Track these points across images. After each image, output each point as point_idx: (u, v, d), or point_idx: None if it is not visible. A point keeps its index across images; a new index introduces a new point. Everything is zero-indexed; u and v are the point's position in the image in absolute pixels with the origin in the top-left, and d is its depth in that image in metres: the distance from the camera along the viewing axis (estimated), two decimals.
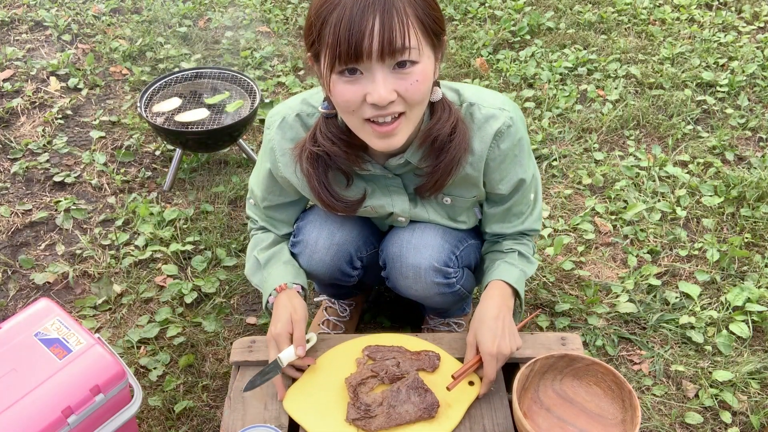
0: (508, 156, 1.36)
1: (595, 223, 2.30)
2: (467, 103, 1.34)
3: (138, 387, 1.46)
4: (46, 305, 1.46)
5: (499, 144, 1.34)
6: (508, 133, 1.33)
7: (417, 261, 1.47)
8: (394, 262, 1.51)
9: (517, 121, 1.35)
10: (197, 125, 2.35)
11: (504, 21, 3.38)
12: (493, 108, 1.33)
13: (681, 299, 2.03)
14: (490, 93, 1.37)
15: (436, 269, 1.47)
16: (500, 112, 1.33)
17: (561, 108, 2.81)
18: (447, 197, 1.45)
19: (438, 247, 1.47)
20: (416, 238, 1.48)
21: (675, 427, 1.72)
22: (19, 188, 2.47)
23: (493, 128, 1.33)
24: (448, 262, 1.49)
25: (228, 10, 3.55)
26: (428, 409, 1.35)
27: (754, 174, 2.46)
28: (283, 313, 1.43)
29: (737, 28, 3.37)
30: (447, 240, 1.49)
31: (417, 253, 1.47)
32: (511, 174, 1.40)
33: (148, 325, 1.98)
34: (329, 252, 1.52)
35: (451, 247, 1.50)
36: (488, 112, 1.33)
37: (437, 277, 1.48)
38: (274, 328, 1.42)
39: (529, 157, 1.42)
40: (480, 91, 1.37)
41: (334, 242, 1.52)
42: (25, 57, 3.14)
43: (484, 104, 1.34)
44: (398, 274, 1.52)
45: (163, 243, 2.24)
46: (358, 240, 1.56)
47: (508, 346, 1.39)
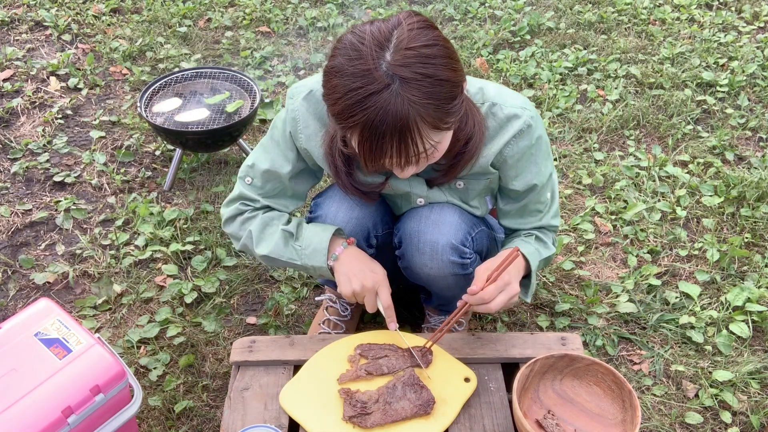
0: (525, 154, 1.40)
1: (595, 223, 2.30)
2: (490, 102, 1.37)
3: (138, 387, 1.46)
4: (46, 305, 1.46)
5: (518, 142, 1.37)
6: (528, 132, 1.37)
7: (435, 237, 1.48)
8: (411, 238, 1.52)
9: (537, 121, 1.39)
10: (197, 125, 2.35)
11: (504, 21, 3.38)
12: (515, 107, 1.37)
13: (681, 299, 2.03)
14: (511, 92, 1.40)
15: (453, 247, 1.48)
16: (522, 111, 1.37)
17: (561, 108, 2.81)
18: (459, 181, 1.47)
19: (456, 225, 1.48)
20: (435, 214, 1.49)
21: (675, 427, 1.71)
22: (19, 188, 2.47)
23: (514, 127, 1.36)
24: (464, 242, 1.50)
25: (228, 10, 3.55)
26: (424, 405, 1.35)
27: (754, 174, 2.46)
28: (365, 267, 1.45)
29: (737, 28, 3.37)
30: (464, 221, 1.51)
31: (436, 229, 1.48)
32: (527, 172, 1.42)
33: (148, 325, 1.97)
34: (348, 226, 1.54)
35: (468, 228, 1.51)
36: (510, 112, 1.36)
37: (453, 256, 1.49)
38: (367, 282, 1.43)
39: (546, 156, 1.44)
40: (502, 91, 1.39)
41: (353, 216, 1.53)
42: (25, 57, 3.14)
43: (506, 104, 1.37)
44: (415, 249, 1.52)
45: (163, 243, 2.24)
46: (375, 216, 1.57)
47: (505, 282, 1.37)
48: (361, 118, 1.10)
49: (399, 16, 1.15)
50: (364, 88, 1.09)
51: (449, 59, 1.14)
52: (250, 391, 1.48)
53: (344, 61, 1.12)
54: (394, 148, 1.13)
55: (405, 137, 1.12)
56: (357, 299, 1.47)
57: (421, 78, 1.09)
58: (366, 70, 1.09)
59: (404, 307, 2.00)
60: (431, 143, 1.17)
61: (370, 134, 1.11)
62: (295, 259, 1.49)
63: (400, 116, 1.09)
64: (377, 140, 1.12)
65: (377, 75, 1.09)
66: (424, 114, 1.11)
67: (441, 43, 1.14)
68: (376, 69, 1.09)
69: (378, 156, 1.15)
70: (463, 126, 1.31)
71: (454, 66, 1.15)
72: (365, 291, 1.44)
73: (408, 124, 1.10)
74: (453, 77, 1.14)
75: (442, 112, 1.14)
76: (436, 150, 1.21)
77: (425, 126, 1.12)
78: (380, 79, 1.08)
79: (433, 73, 1.10)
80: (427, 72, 1.10)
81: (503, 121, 1.36)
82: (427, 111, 1.11)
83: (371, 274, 1.45)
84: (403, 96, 1.09)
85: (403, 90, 1.09)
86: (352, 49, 1.12)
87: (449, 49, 1.15)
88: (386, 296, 1.47)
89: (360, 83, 1.09)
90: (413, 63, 1.09)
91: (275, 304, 2.01)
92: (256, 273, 2.13)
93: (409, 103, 1.09)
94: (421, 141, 1.14)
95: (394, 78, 1.09)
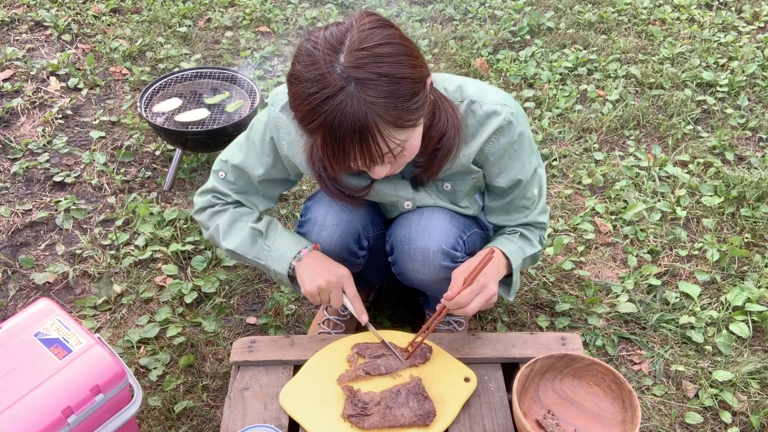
0: (507, 151, 1.39)
1: (595, 223, 2.30)
2: (469, 100, 1.36)
3: (138, 387, 1.46)
4: (46, 305, 1.46)
5: (499, 138, 1.37)
6: (508, 128, 1.36)
7: (426, 243, 1.48)
8: (402, 245, 1.52)
9: (519, 117, 1.38)
10: (197, 125, 2.35)
11: (504, 21, 3.38)
12: (494, 104, 1.36)
13: (681, 299, 2.03)
14: (492, 89, 1.39)
15: (444, 252, 1.48)
16: (501, 107, 1.36)
17: (561, 108, 2.81)
18: (447, 183, 1.46)
19: (446, 230, 1.48)
20: (425, 220, 1.49)
21: (675, 427, 1.71)
22: (19, 188, 2.47)
23: (494, 124, 1.35)
24: (456, 246, 1.50)
25: (228, 10, 3.55)
26: (424, 416, 1.35)
27: (754, 174, 2.46)
28: (329, 265, 1.47)
29: (737, 28, 3.37)
30: (455, 224, 1.50)
31: (426, 236, 1.48)
32: (510, 168, 1.42)
33: (148, 325, 1.97)
34: (338, 228, 1.53)
35: (459, 231, 1.51)
36: (489, 109, 1.36)
37: (445, 261, 1.49)
38: (332, 277, 1.45)
39: (530, 152, 1.44)
40: (482, 88, 1.38)
41: (342, 219, 1.53)
42: (25, 57, 3.14)
43: (485, 101, 1.36)
44: (406, 257, 1.52)
45: (163, 243, 2.24)
46: (365, 218, 1.57)
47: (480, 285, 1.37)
48: (321, 123, 1.11)
49: (352, 18, 1.16)
50: (320, 92, 1.09)
51: (406, 56, 1.13)
52: (250, 391, 1.48)
53: (301, 67, 1.13)
54: (357, 150, 1.13)
55: (365, 138, 1.12)
56: (321, 297, 1.47)
57: (375, 77, 1.09)
58: (320, 75, 1.09)
59: (404, 308, 2.00)
60: (395, 142, 1.16)
61: (331, 137, 1.12)
62: (260, 258, 1.50)
63: (357, 117, 1.09)
64: (338, 143, 1.12)
65: (331, 78, 1.09)
66: (383, 113, 1.10)
67: (396, 41, 1.13)
68: (330, 73, 1.09)
69: (341, 158, 1.15)
70: (435, 122, 1.30)
71: (411, 63, 1.14)
72: (330, 286, 1.45)
73: (367, 124, 1.10)
74: (411, 74, 1.13)
75: (402, 110, 1.13)
76: (405, 149, 1.20)
77: (385, 125, 1.12)
78: (335, 82, 1.09)
79: (387, 72, 1.10)
80: (381, 71, 1.10)
81: (483, 119, 1.36)
82: (385, 110, 1.10)
83: (335, 269, 1.47)
84: (359, 97, 1.08)
85: (359, 91, 1.08)
86: (307, 55, 1.12)
87: (406, 47, 1.14)
88: (352, 289, 1.48)
89: (316, 88, 1.10)
90: (366, 63, 1.09)
91: (275, 304, 2.02)
92: (256, 273, 2.13)
93: (366, 103, 1.09)
94: (383, 140, 1.13)
95: (349, 80, 1.09)
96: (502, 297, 1.52)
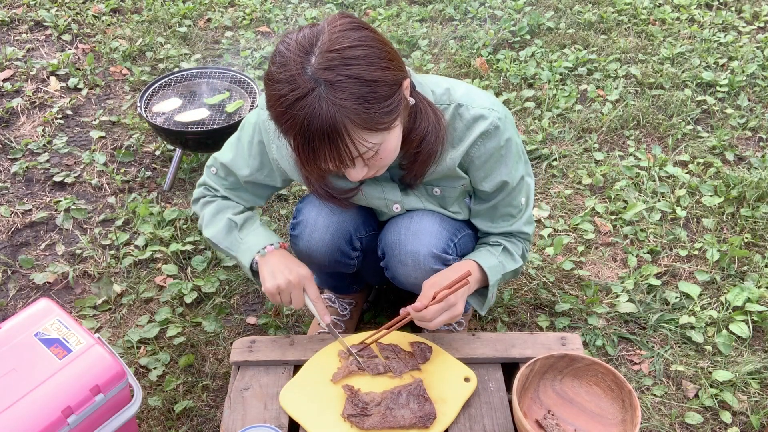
0: (493, 156, 1.38)
1: (595, 223, 2.30)
2: (456, 103, 1.35)
3: (138, 387, 1.46)
4: (46, 305, 1.46)
5: (485, 143, 1.36)
6: (495, 133, 1.35)
7: (416, 248, 1.47)
8: (392, 250, 1.52)
9: (506, 123, 1.37)
10: (197, 125, 2.35)
11: (504, 21, 3.38)
12: (482, 108, 1.35)
13: (681, 299, 2.03)
14: (480, 93, 1.38)
15: (435, 256, 1.47)
16: (489, 112, 1.35)
17: (561, 108, 2.81)
18: (436, 188, 1.46)
19: (436, 233, 1.48)
20: (415, 224, 1.48)
21: (675, 427, 1.72)
22: (19, 188, 2.47)
23: (480, 128, 1.35)
24: (446, 249, 1.49)
25: (228, 10, 3.55)
26: (424, 418, 1.35)
27: (754, 174, 2.46)
28: (291, 264, 1.45)
29: (737, 28, 3.37)
30: (445, 228, 1.49)
31: (416, 240, 1.47)
32: (495, 173, 1.41)
33: (148, 325, 1.98)
34: (329, 230, 1.54)
35: (449, 234, 1.50)
36: (477, 113, 1.35)
37: (436, 264, 1.48)
38: (292, 277, 1.43)
39: (517, 159, 1.42)
40: (470, 92, 1.37)
41: (333, 220, 1.54)
42: (25, 57, 3.14)
43: (473, 104, 1.35)
44: (397, 261, 1.52)
45: (163, 243, 2.24)
46: (357, 219, 1.57)
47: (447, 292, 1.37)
48: (291, 124, 1.11)
49: (326, 20, 1.15)
50: (290, 94, 1.09)
51: (378, 59, 1.12)
52: (250, 391, 1.48)
53: (273, 69, 1.13)
54: (327, 152, 1.13)
55: (335, 140, 1.11)
56: (282, 297, 1.46)
57: (345, 80, 1.08)
58: (291, 76, 1.09)
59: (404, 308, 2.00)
60: (366, 146, 1.15)
61: (302, 139, 1.12)
62: (231, 249, 1.53)
63: (326, 119, 1.08)
64: (308, 144, 1.12)
65: (301, 80, 1.08)
66: (352, 116, 1.09)
67: (368, 44, 1.12)
68: (300, 74, 1.09)
69: (312, 160, 1.15)
70: (416, 126, 1.29)
71: (383, 66, 1.13)
72: (290, 286, 1.44)
73: (336, 127, 1.09)
74: (382, 77, 1.12)
75: (374, 113, 1.12)
76: (380, 152, 1.19)
77: (355, 128, 1.11)
78: (305, 84, 1.08)
79: (358, 74, 1.09)
80: (351, 73, 1.09)
81: (470, 122, 1.35)
82: (355, 113, 1.09)
83: (296, 269, 1.46)
84: (328, 99, 1.08)
85: (328, 93, 1.08)
86: (280, 56, 1.12)
87: (380, 49, 1.13)
88: (313, 290, 1.48)
89: (287, 89, 1.10)
90: (336, 65, 1.09)
91: (275, 304, 2.02)
92: None
93: (335, 105, 1.08)
94: (353, 143, 1.13)
95: (319, 81, 1.08)
96: (475, 310, 1.51)
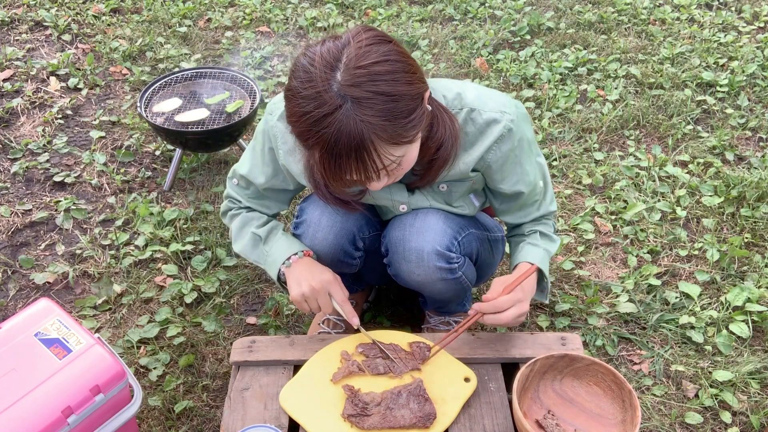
0: (509, 158, 1.39)
1: (595, 223, 2.30)
2: (468, 108, 1.35)
3: (138, 387, 1.46)
4: (46, 305, 1.46)
5: (500, 147, 1.37)
6: (509, 136, 1.36)
7: (420, 244, 1.48)
8: (396, 246, 1.52)
9: (518, 122, 1.37)
10: (197, 125, 2.35)
11: (504, 21, 3.38)
12: (494, 112, 1.35)
13: (681, 299, 2.03)
14: (492, 95, 1.38)
15: (439, 253, 1.48)
16: (501, 115, 1.35)
17: (561, 108, 2.81)
18: (443, 184, 1.46)
19: (440, 231, 1.48)
20: (419, 221, 1.49)
21: (675, 427, 1.72)
22: (19, 188, 2.47)
23: (494, 133, 1.35)
24: (450, 247, 1.49)
25: (228, 10, 3.55)
26: (424, 418, 1.36)
27: (754, 174, 2.46)
28: (315, 271, 1.47)
29: (737, 28, 3.37)
30: (449, 225, 1.50)
31: (420, 237, 1.48)
32: (512, 174, 1.42)
33: (148, 325, 1.98)
34: (332, 230, 1.54)
35: (453, 232, 1.51)
36: (489, 117, 1.35)
37: (440, 262, 1.49)
38: (315, 283, 1.45)
39: (529, 153, 1.44)
40: (482, 95, 1.37)
41: (337, 220, 1.54)
42: (25, 57, 3.14)
43: (485, 109, 1.35)
44: (401, 258, 1.52)
45: (163, 243, 2.24)
46: (360, 220, 1.57)
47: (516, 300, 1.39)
48: (317, 140, 1.10)
49: (349, 33, 1.15)
50: (316, 111, 1.09)
51: (403, 73, 1.12)
52: (250, 391, 1.48)
53: (297, 84, 1.12)
54: (353, 167, 1.13)
55: (362, 156, 1.11)
56: (309, 304, 1.48)
57: (372, 96, 1.08)
58: (317, 93, 1.09)
59: (404, 307, 2.00)
60: (391, 159, 1.15)
61: (327, 155, 1.11)
62: (260, 262, 1.56)
63: (354, 136, 1.08)
64: (335, 160, 1.12)
65: (328, 97, 1.08)
66: (380, 132, 1.10)
67: (393, 58, 1.12)
68: (326, 91, 1.08)
69: (338, 175, 1.15)
70: (433, 134, 1.29)
71: (408, 79, 1.13)
72: (314, 293, 1.46)
73: (363, 143, 1.09)
74: (407, 91, 1.12)
75: (399, 128, 1.12)
76: (402, 163, 1.20)
77: (382, 143, 1.11)
78: (331, 100, 1.08)
79: (384, 90, 1.09)
80: (378, 90, 1.09)
81: (483, 127, 1.35)
82: (382, 128, 1.10)
83: (319, 275, 1.47)
84: (355, 116, 1.08)
85: (355, 110, 1.08)
86: (304, 71, 1.12)
87: (404, 63, 1.13)
88: (339, 294, 1.48)
89: (312, 106, 1.09)
90: (363, 82, 1.08)
91: (275, 304, 2.02)
92: (256, 273, 2.13)
93: (362, 122, 1.08)
94: (379, 158, 1.13)
95: (346, 98, 1.08)
96: (539, 299, 1.55)
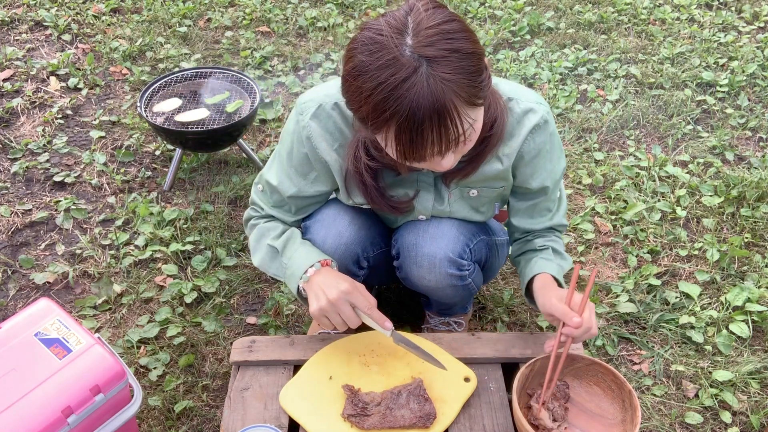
0: (542, 151, 1.38)
1: (595, 223, 2.30)
2: (506, 96, 1.34)
3: (138, 387, 1.46)
4: (46, 305, 1.46)
5: (534, 137, 1.36)
6: (544, 127, 1.36)
7: (433, 250, 1.47)
8: (408, 251, 1.51)
9: (551, 117, 1.38)
10: (197, 125, 2.35)
11: (504, 21, 3.38)
12: (531, 102, 1.35)
13: (681, 299, 2.03)
14: (525, 88, 1.39)
15: (451, 260, 1.47)
16: (538, 106, 1.35)
17: (561, 108, 2.81)
18: (474, 190, 1.44)
19: (454, 238, 1.48)
20: (433, 227, 1.48)
21: (675, 427, 1.72)
22: (19, 188, 2.47)
23: (531, 122, 1.34)
24: (462, 254, 1.49)
25: (228, 10, 3.55)
26: (424, 418, 1.35)
27: (754, 174, 2.46)
28: (332, 282, 1.37)
29: (737, 28, 3.37)
30: (462, 232, 1.49)
31: (433, 243, 1.47)
32: (542, 169, 1.41)
33: (148, 325, 1.97)
34: (337, 252, 1.52)
35: (466, 239, 1.50)
36: (527, 106, 1.35)
37: (451, 269, 1.48)
38: (332, 295, 1.35)
39: (560, 153, 1.43)
40: (516, 87, 1.37)
41: (341, 242, 1.51)
42: (25, 57, 3.14)
43: (522, 98, 1.35)
44: (412, 263, 1.51)
45: (163, 243, 2.24)
46: (365, 240, 1.56)
47: None
48: (397, 109, 1.05)
49: (405, 5, 1.12)
50: (393, 77, 1.04)
51: (469, 32, 1.10)
52: (250, 391, 1.48)
53: (365, 57, 1.07)
54: (435, 133, 1.07)
55: (444, 118, 1.07)
56: (331, 319, 1.38)
57: (448, 53, 1.05)
58: (391, 59, 1.05)
59: (405, 308, 2.00)
60: (469, 122, 1.11)
61: (408, 123, 1.06)
62: (279, 276, 1.50)
63: (436, 96, 1.04)
64: (417, 128, 1.06)
65: (404, 61, 1.04)
66: (459, 90, 1.06)
67: (457, 19, 1.10)
68: (401, 55, 1.04)
69: (419, 146, 1.09)
70: (488, 106, 1.26)
71: (474, 38, 1.11)
72: (333, 306, 1.36)
73: (444, 104, 1.05)
74: (477, 49, 1.10)
75: (474, 86, 1.09)
76: (474, 130, 1.15)
77: (461, 103, 1.07)
78: (408, 64, 1.04)
79: (458, 47, 1.06)
80: (452, 47, 1.06)
81: (520, 116, 1.34)
82: (460, 86, 1.06)
83: (337, 286, 1.37)
84: (434, 75, 1.04)
85: (433, 69, 1.04)
86: (372, 43, 1.07)
87: (466, 24, 1.12)
88: (363, 302, 1.38)
89: (387, 74, 1.05)
90: (437, 41, 1.05)
91: (275, 304, 2.02)
92: (256, 273, 2.13)
93: (442, 81, 1.04)
94: (460, 120, 1.08)
95: (421, 60, 1.04)
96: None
